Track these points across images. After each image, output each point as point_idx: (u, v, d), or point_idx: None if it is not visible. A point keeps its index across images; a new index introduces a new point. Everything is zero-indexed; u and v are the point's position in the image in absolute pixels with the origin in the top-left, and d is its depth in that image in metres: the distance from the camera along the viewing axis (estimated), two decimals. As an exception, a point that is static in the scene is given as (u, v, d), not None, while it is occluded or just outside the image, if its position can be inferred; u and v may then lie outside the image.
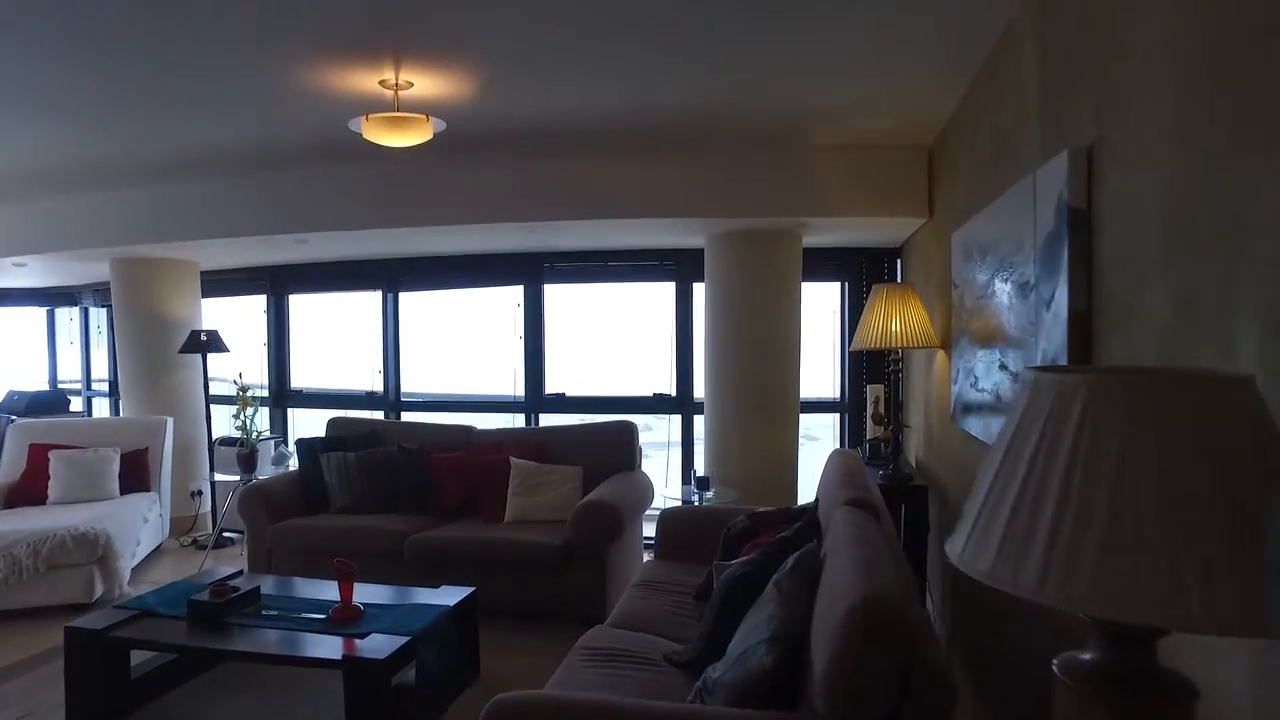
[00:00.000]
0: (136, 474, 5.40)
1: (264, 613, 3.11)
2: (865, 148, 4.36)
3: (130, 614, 3.13)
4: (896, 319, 3.88)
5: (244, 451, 5.42)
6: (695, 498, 4.68)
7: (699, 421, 5.70)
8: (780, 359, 5.00)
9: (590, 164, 4.44)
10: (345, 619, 3.01)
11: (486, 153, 4.37)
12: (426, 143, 3.47)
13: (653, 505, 4.78)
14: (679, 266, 5.77)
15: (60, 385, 8.71)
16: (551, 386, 5.98)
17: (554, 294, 6.02)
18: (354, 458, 4.81)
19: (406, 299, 6.36)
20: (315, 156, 4.48)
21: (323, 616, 3.04)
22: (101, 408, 8.31)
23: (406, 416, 6.35)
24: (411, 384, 6.44)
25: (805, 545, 2.31)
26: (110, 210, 5.34)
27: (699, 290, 5.71)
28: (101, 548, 4.40)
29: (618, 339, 6.17)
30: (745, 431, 4.97)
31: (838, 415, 6.06)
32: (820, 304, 5.89)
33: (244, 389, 5.53)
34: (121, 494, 5.25)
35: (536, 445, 4.82)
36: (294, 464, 5.42)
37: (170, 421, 5.77)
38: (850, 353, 5.80)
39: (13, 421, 6.61)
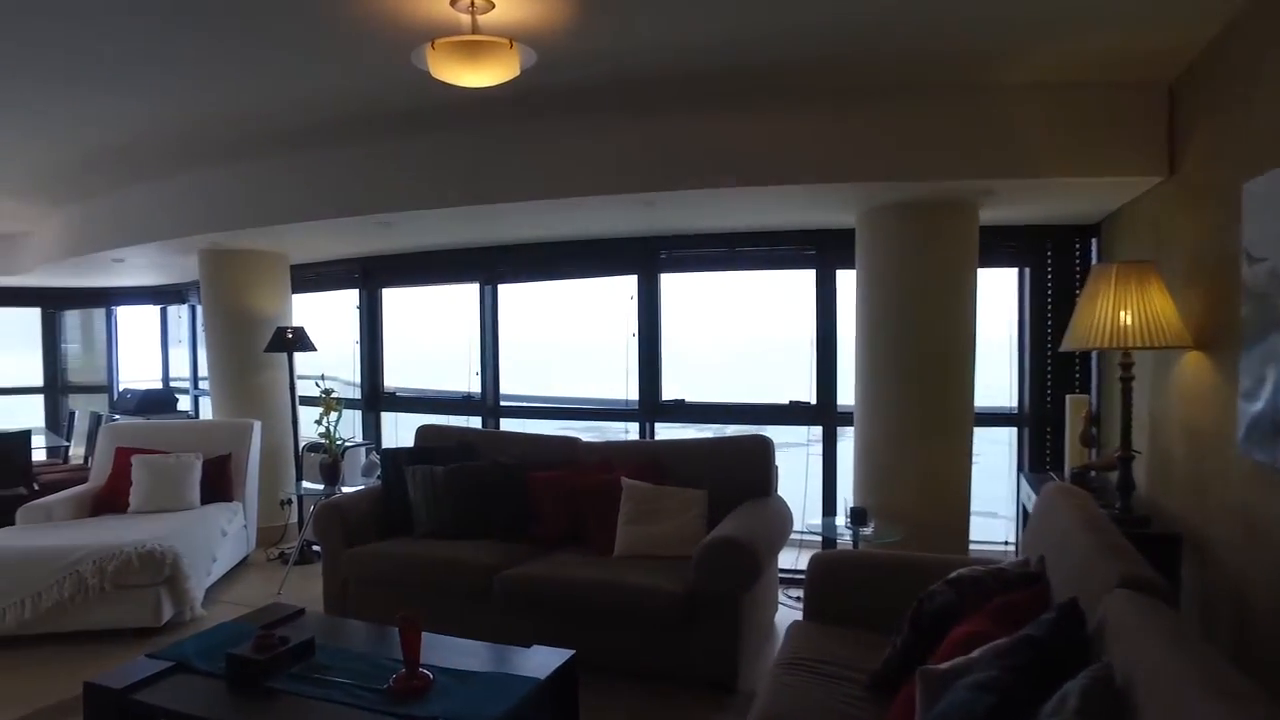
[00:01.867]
0: (219, 482, 5.08)
1: (314, 675, 2.54)
2: (1076, 86, 3.41)
3: (163, 666, 2.63)
4: (1130, 309, 2.94)
5: (326, 460, 4.99)
6: (846, 533, 3.85)
7: (844, 436, 4.85)
8: (951, 361, 4.09)
9: (718, 119, 3.68)
10: (408, 692, 2.39)
11: (589, 109, 3.70)
12: (518, 102, 2.85)
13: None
14: (821, 251, 4.93)
15: (172, 384, 8.75)
16: (669, 391, 5.27)
17: (672, 285, 5.30)
18: (442, 473, 4.26)
19: (506, 292, 5.81)
20: (395, 126, 3.96)
21: (383, 687, 2.43)
22: (208, 408, 8.27)
23: (506, 423, 5.79)
24: (512, 386, 5.89)
25: (1072, 655, 1.50)
26: (193, 196, 5.05)
27: (844, 279, 4.87)
28: (169, 567, 4.02)
29: (745, 336, 5.37)
30: (907, 450, 4.10)
31: (1014, 429, 5.05)
32: (991, 293, 4.91)
33: (327, 390, 5.10)
34: (203, 503, 4.93)
35: (652, 463, 4.11)
36: (382, 476, 4.94)
37: (258, 425, 5.44)
38: (1033, 354, 4.79)
39: (113, 421, 6.51)
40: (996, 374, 4.96)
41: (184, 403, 8.30)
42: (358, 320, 6.43)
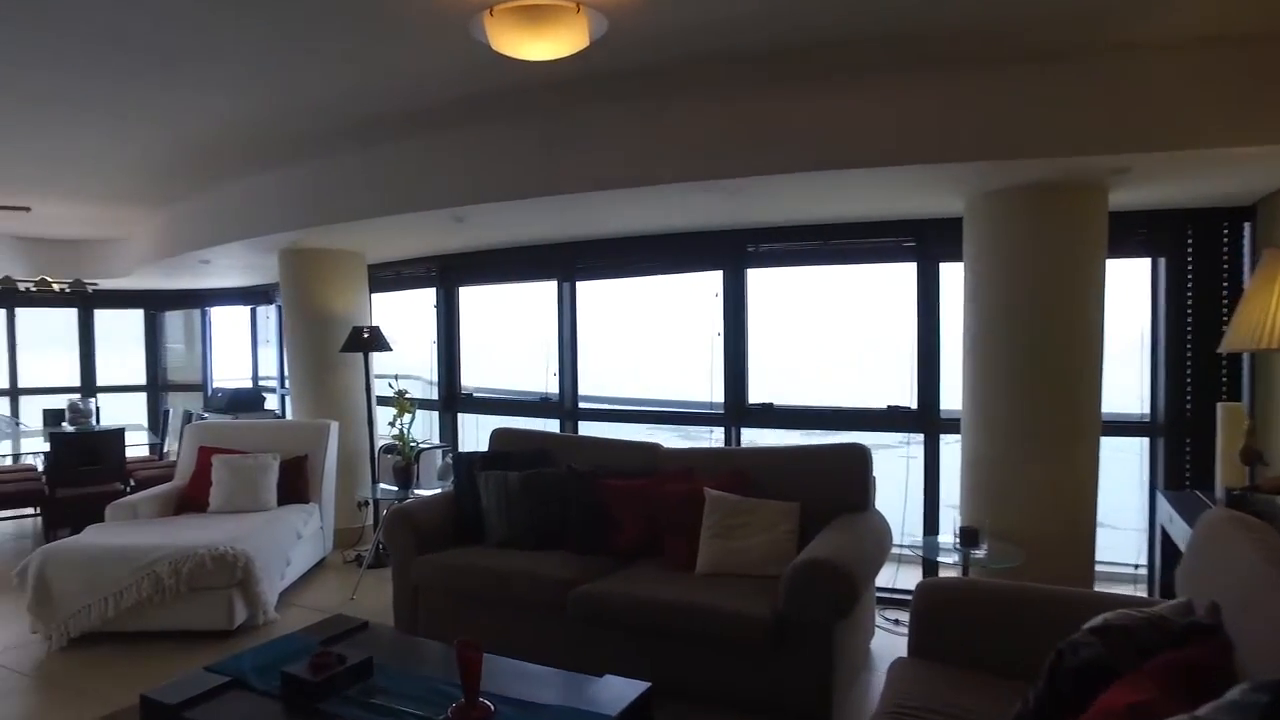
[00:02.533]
0: (295, 483, 5.07)
1: (369, 699, 2.38)
2: (1229, 42, 2.95)
3: (219, 682, 2.52)
4: (1309, 303, 2.49)
5: (400, 463, 4.90)
6: (953, 554, 3.48)
7: (948, 444, 4.46)
8: (1075, 363, 3.66)
9: (808, 96, 3.36)
10: (467, 726, 2.19)
11: (666, 89, 3.45)
12: (589, 84, 2.63)
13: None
14: (922, 242, 4.54)
15: (260, 383, 8.96)
16: (756, 395, 4.96)
17: (760, 281, 4.99)
18: (516, 479, 4.09)
19: (585, 289, 5.62)
20: (463, 115, 3.81)
21: (439, 718, 2.24)
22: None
23: (584, 427, 5.61)
24: (590, 387, 5.69)
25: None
26: (269, 196, 5.06)
27: (948, 273, 4.47)
28: (240, 570, 3.99)
29: (839, 336, 5.02)
30: (1024, 462, 3.69)
31: (1145, 440, 4.53)
32: (1120, 286, 4.41)
33: (400, 391, 5.02)
34: (279, 504, 4.92)
35: (738, 472, 3.83)
36: (456, 479, 4.82)
37: (335, 426, 5.42)
38: (1170, 355, 4.28)
39: (201, 420, 6.65)
40: (1125, 377, 4.46)
41: (271, 402, 8.48)
42: (435, 319, 6.37)
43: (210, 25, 2.76)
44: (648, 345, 5.58)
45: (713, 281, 5.03)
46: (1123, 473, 4.75)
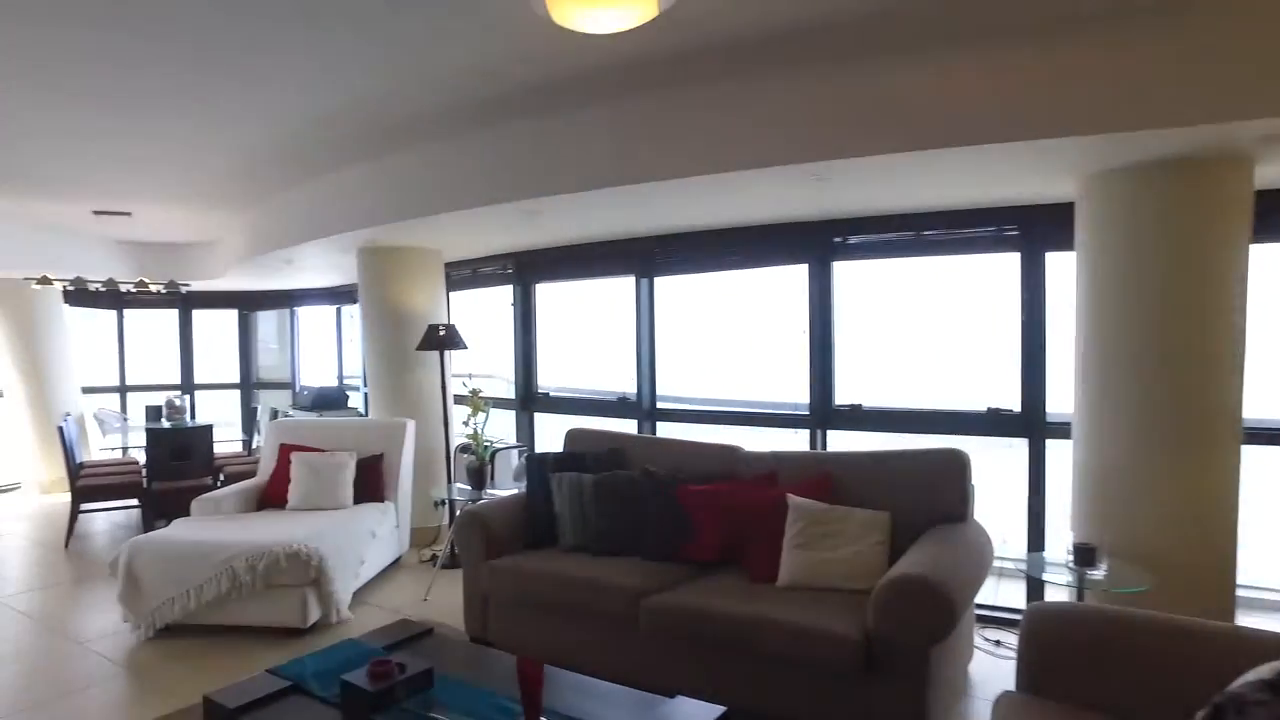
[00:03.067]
0: (371, 481, 5.08)
1: (427, 713, 2.27)
2: None
3: (280, 686, 2.48)
4: None
5: (474, 463, 4.84)
6: (1064, 574, 3.15)
7: (1056, 449, 4.09)
8: (1211, 362, 3.27)
9: (907, 67, 3.08)
10: (526, 748, 2.05)
11: (747, 65, 3.23)
12: (664, 65, 2.44)
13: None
14: (1026, 230, 4.18)
15: (345, 381, 9.14)
16: (843, 395, 4.69)
17: (849, 274, 4.72)
18: (590, 482, 3.96)
19: (664, 285, 5.45)
20: (533, 104, 3.69)
21: (499, 737, 2.11)
22: (378, 405, 8.55)
23: (662, 428, 5.44)
24: (669, 387, 5.53)
25: None
26: (345, 194, 5.09)
27: (1057, 263, 4.11)
28: (314, 569, 3.99)
29: (933, 333, 4.70)
30: (1148, 472, 3.32)
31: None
32: (1268, 274, 3.94)
33: (474, 390, 4.96)
34: (356, 503, 4.94)
35: (824, 478, 3.59)
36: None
37: (411, 425, 5.42)
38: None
39: (285, 417, 6.79)
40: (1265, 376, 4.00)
41: (355, 400, 8.64)
42: (512, 317, 6.32)
43: (285, 18, 2.72)
44: (729, 343, 5.37)
45: (798, 276, 4.79)
46: (1273, 486, 4.27)
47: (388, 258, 5.75)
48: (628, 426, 5.50)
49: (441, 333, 5.41)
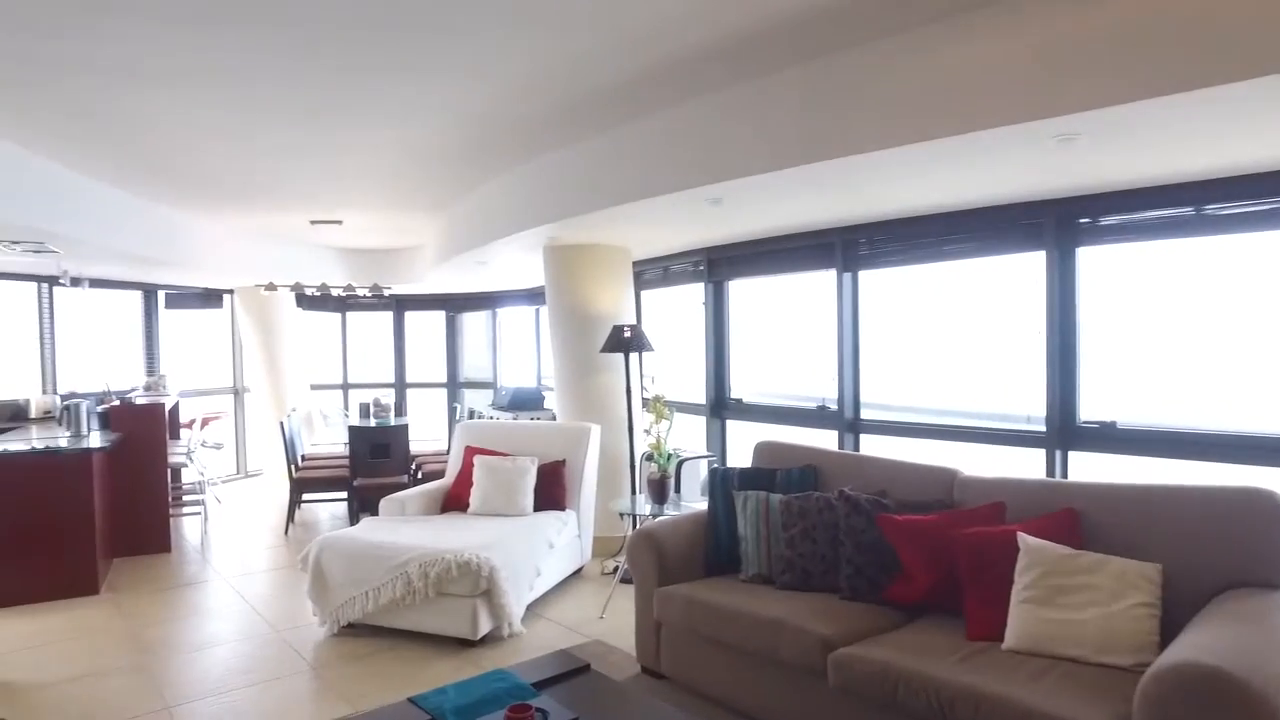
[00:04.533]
0: (553, 488, 4.94)
1: (564, 779, 1.96)
2: None
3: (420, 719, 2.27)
4: None
5: (655, 474, 4.54)
6: None
7: None
8: None
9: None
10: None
11: (969, 5, 2.65)
12: (859, 17, 1.97)
13: None
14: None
15: (543, 382, 9.28)
16: (1090, 410, 3.89)
17: (1098, 262, 3.91)
18: (778, 503, 3.52)
19: (869, 280, 4.87)
20: (713, 74, 3.30)
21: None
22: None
23: (866, 442, 4.86)
24: (874, 394, 4.93)
25: None
26: (527, 190, 4.98)
27: None
28: (485, 580, 3.86)
29: (1220, 331, 3.75)
30: None
31: None
32: None
33: (656, 395, 4.66)
34: (536, 509, 4.82)
35: (1067, 515, 2.91)
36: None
37: (596, 430, 5.24)
38: None
39: (478, 419, 6.91)
40: None
41: (552, 401, 8.72)
42: (703, 316, 5.99)
43: (451, 10, 2.56)
44: (945, 346, 4.68)
45: (1031, 265, 4.04)
46: None
47: (573, 256, 5.62)
48: (827, 439, 4.97)
49: (627, 334, 5.18)
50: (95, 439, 5.31)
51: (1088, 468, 3.88)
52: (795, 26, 2.84)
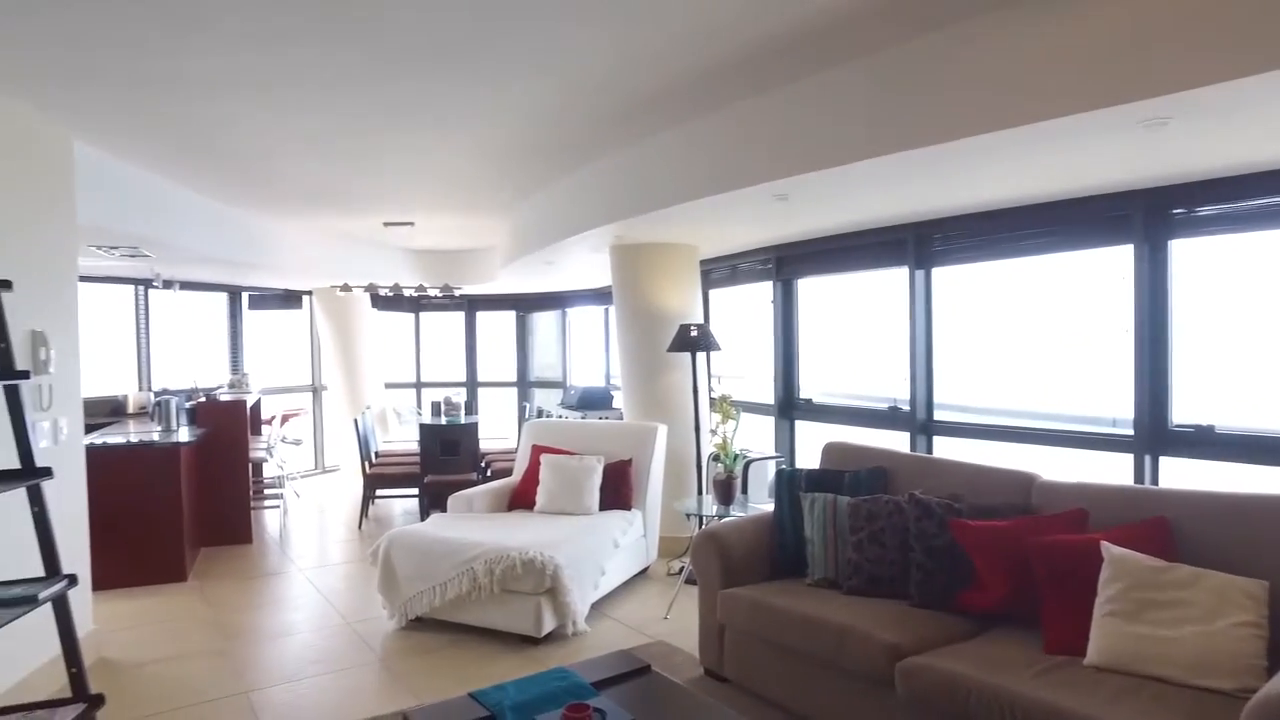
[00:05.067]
0: (619, 487, 4.94)
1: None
2: None
3: (478, 715, 2.29)
4: None
5: (720, 475, 4.49)
6: None
7: None
8: None
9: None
10: None
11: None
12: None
13: None
14: None
15: (612, 381, 9.30)
16: (1183, 413, 3.66)
17: (1191, 254, 3.68)
18: (845, 506, 3.44)
19: (942, 277, 4.71)
20: (777, 68, 3.23)
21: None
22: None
23: (939, 444, 4.70)
24: (948, 395, 4.76)
25: None
26: (593, 189, 4.98)
27: None
28: (549, 578, 3.88)
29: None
30: None
31: None
32: None
33: (723, 396, 4.61)
34: (601, 509, 4.83)
35: (1157, 525, 2.75)
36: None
37: (662, 430, 5.21)
38: None
39: (545, 418, 6.97)
40: None
41: (620, 400, 8.73)
42: (772, 315, 5.90)
43: (521, 9, 2.57)
44: (1024, 344, 4.49)
45: (1119, 259, 3.84)
46: None
47: (639, 255, 5.61)
48: (898, 440, 4.83)
49: (693, 333, 5.14)
50: (184, 434, 5.55)
51: (1181, 474, 3.66)
52: (864, 16, 2.76)
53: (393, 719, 3.12)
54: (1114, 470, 3.84)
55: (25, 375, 3.21)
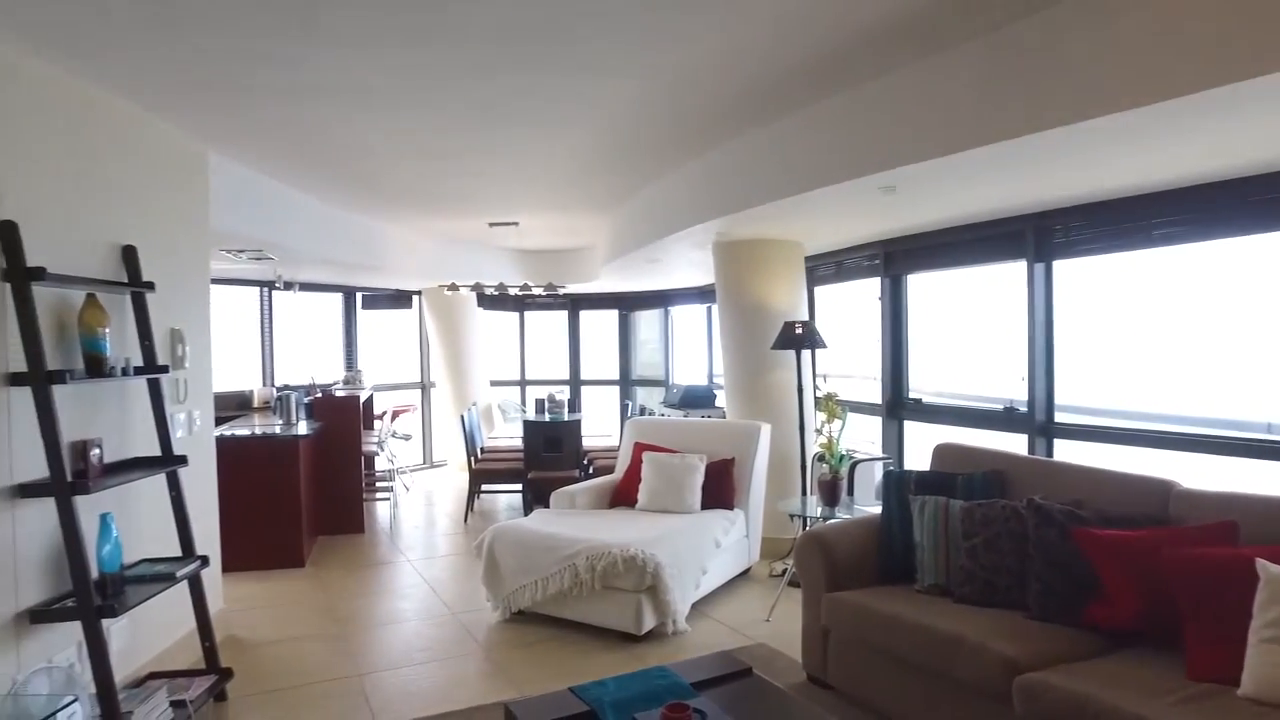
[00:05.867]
0: (721, 487, 4.89)
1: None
2: None
3: (577, 709, 2.30)
4: None
5: (825, 475, 4.38)
6: None
7: None
8: None
9: None
10: None
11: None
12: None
13: None
14: None
15: (715, 379, 9.25)
16: (1348, 418, 3.33)
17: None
18: (958, 510, 3.29)
19: (1064, 270, 4.44)
20: (889, 56, 3.10)
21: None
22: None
23: (1061, 448, 4.44)
24: (1070, 395, 4.49)
25: None
26: (696, 184, 4.95)
27: None
28: (650, 576, 3.88)
29: None
30: None
31: None
32: None
33: (829, 394, 4.49)
34: (703, 508, 4.79)
35: (1314, 539, 2.49)
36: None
37: (766, 429, 5.14)
38: None
39: (652, 415, 6.98)
40: None
41: (723, 399, 8.67)
42: (880, 312, 5.72)
43: (621, 6, 2.58)
44: (1157, 342, 4.19)
45: (1271, 248, 3.52)
46: None
47: (743, 251, 5.54)
48: (1015, 443, 4.59)
49: (798, 330, 5.04)
50: (302, 427, 5.85)
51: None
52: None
53: (494, 709, 3.18)
54: (1268, 480, 3.52)
55: (165, 370, 3.46)
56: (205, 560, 3.43)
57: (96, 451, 2.95)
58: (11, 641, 2.64)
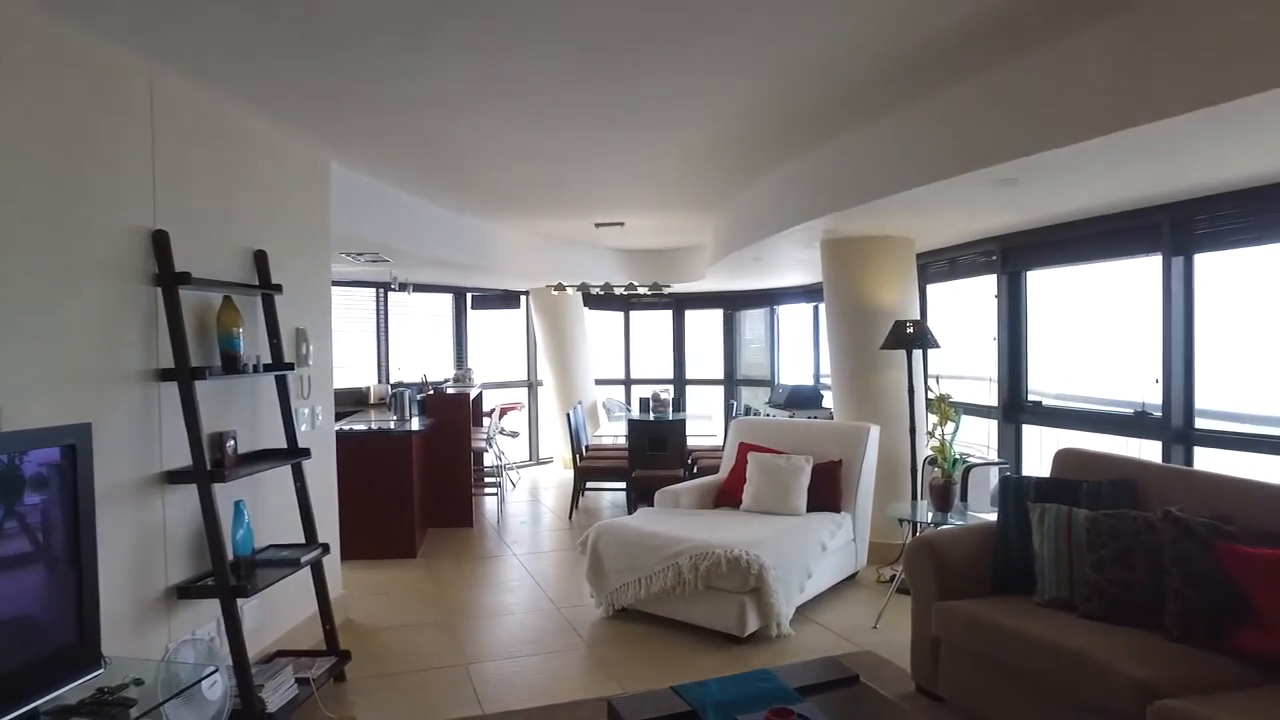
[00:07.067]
0: (827, 489, 4.81)
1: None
2: None
3: (679, 709, 2.33)
4: None
5: (938, 480, 4.24)
6: None
7: None
8: None
9: None
10: None
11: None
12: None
13: None
14: None
15: (821, 380, 9.10)
16: None
17: None
18: (1083, 520, 3.12)
19: (1205, 264, 4.14)
20: (1007, 42, 2.96)
21: None
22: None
23: (1200, 456, 4.15)
24: (1212, 399, 4.18)
25: None
26: (801, 180, 4.87)
27: None
28: (754, 578, 3.86)
29: None
30: None
31: None
32: None
33: (941, 396, 4.35)
34: (809, 510, 4.72)
35: None
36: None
37: (874, 430, 5.02)
38: None
39: (749, 416, 6.94)
40: None
41: (830, 400, 8.51)
42: (996, 310, 5.49)
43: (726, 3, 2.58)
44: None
45: None
46: None
47: (852, 249, 5.43)
48: (1146, 450, 4.32)
49: (909, 330, 4.91)
50: (415, 423, 6.11)
51: None
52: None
53: (597, 705, 3.23)
54: None
55: (291, 367, 3.70)
56: (326, 548, 3.64)
57: (231, 443, 3.18)
58: (164, 613, 2.94)
